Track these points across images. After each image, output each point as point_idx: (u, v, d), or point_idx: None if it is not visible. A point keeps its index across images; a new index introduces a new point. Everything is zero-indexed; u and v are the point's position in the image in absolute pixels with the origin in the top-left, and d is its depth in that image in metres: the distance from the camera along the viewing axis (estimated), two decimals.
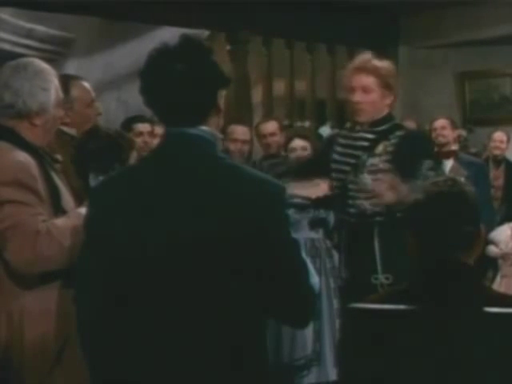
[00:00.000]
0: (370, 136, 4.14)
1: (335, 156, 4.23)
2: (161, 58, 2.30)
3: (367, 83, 4.09)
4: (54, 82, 3.07)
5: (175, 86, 2.26)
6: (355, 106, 4.14)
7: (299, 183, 5.35)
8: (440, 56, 9.48)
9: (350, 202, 4.12)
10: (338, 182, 4.19)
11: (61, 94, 3.11)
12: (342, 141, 4.29)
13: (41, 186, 2.92)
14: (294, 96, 9.19)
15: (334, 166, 4.23)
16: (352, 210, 4.12)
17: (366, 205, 4.07)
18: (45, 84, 3.03)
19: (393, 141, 4.10)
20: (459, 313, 2.27)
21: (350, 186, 4.12)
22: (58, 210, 2.97)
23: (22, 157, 2.92)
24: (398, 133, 4.13)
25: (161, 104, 2.31)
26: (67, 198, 3.05)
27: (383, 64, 4.15)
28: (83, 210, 2.94)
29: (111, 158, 3.35)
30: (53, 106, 3.05)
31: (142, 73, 2.32)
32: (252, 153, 7.04)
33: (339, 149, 4.25)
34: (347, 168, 4.15)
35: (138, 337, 2.27)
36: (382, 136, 4.11)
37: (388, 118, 4.17)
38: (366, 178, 4.05)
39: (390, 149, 4.08)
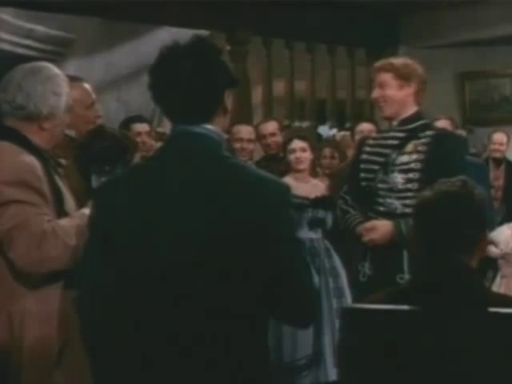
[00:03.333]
0: (399, 134, 4.16)
1: (364, 156, 4.25)
2: (171, 55, 2.30)
3: (382, 79, 4.17)
4: (66, 88, 3.10)
5: (184, 83, 2.27)
6: (376, 103, 4.24)
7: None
8: (440, 56, 9.47)
9: (380, 200, 4.12)
10: (366, 182, 4.19)
11: (70, 101, 3.13)
12: (371, 141, 4.34)
13: (45, 187, 2.93)
14: (294, 96, 9.19)
15: (362, 166, 4.25)
16: (381, 209, 4.12)
17: (397, 204, 4.08)
18: (57, 89, 3.06)
19: (423, 140, 4.11)
20: (459, 313, 2.27)
21: (380, 185, 4.12)
22: (61, 213, 2.98)
23: (28, 158, 2.93)
24: (429, 132, 4.15)
25: (169, 100, 2.32)
26: (70, 202, 3.07)
27: (399, 59, 4.27)
28: (87, 211, 2.95)
29: (116, 159, 3.34)
30: (62, 111, 3.07)
31: (151, 69, 2.33)
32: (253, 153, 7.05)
33: (368, 149, 4.27)
34: (376, 167, 4.16)
35: (139, 336, 2.27)
36: (412, 134, 4.14)
37: (417, 116, 4.19)
38: (397, 177, 4.08)
39: (420, 148, 4.09)
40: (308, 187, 5.59)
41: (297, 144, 5.66)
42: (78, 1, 7.02)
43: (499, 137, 7.90)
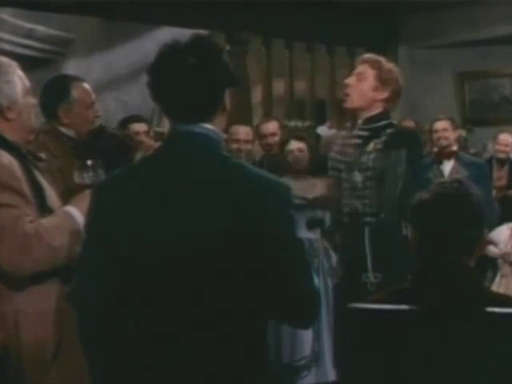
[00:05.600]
0: (363, 133, 4.19)
1: (332, 154, 4.27)
2: (171, 53, 2.29)
3: (362, 70, 4.17)
4: (17, 72, 3.03)
5: (184, 81, 2.26)
6: (344, 90, 4.22)
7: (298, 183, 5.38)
8: (440, 56, 9.48)
9: (344, 201, 4.16)
10: (334, 180, 4.24)
11: (27, 82, 3.06)
12: (339, 140, 4.34)
13: (25, 186, 2.90)
14: (294, 96, 9.20)
15: (330, 163, 4.28)
16: (346, 209, 4.16)
17: (358, 204, 4.12)
18: (7, 76, 2.99)
19: (382, 138, 4.13)
20: (459, 313, 2.27)
21: (344, 185, 4.16)
22: (44, 209, 2.95)
23: (5, 158, 2.89)
24: (389, 130, 4.15)
25: (168, 99, 2.31)
26: (53, 197, 3.03)
27: (386, 62, 4.22)
28: (70, 209, 2.94)
29: (116, 158, 3.34)
30: (21, 95, 3.01)
31: (151, 67, 2.31)
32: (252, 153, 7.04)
33: (336, 148, 4.29)
34: (341, 166, 4.18)
35: (138, 336, 2.27)
36: (374, 134, 4.15)
37: (383, 115, 4.20)
38: (357, 177, 4.10)
39: (378, 146, 4.12)
40: (306, 187, 5.58)
41: (294, 145, 5.66)
42: (77, 1, 7.02)
43: (505, 137, 7.88)
